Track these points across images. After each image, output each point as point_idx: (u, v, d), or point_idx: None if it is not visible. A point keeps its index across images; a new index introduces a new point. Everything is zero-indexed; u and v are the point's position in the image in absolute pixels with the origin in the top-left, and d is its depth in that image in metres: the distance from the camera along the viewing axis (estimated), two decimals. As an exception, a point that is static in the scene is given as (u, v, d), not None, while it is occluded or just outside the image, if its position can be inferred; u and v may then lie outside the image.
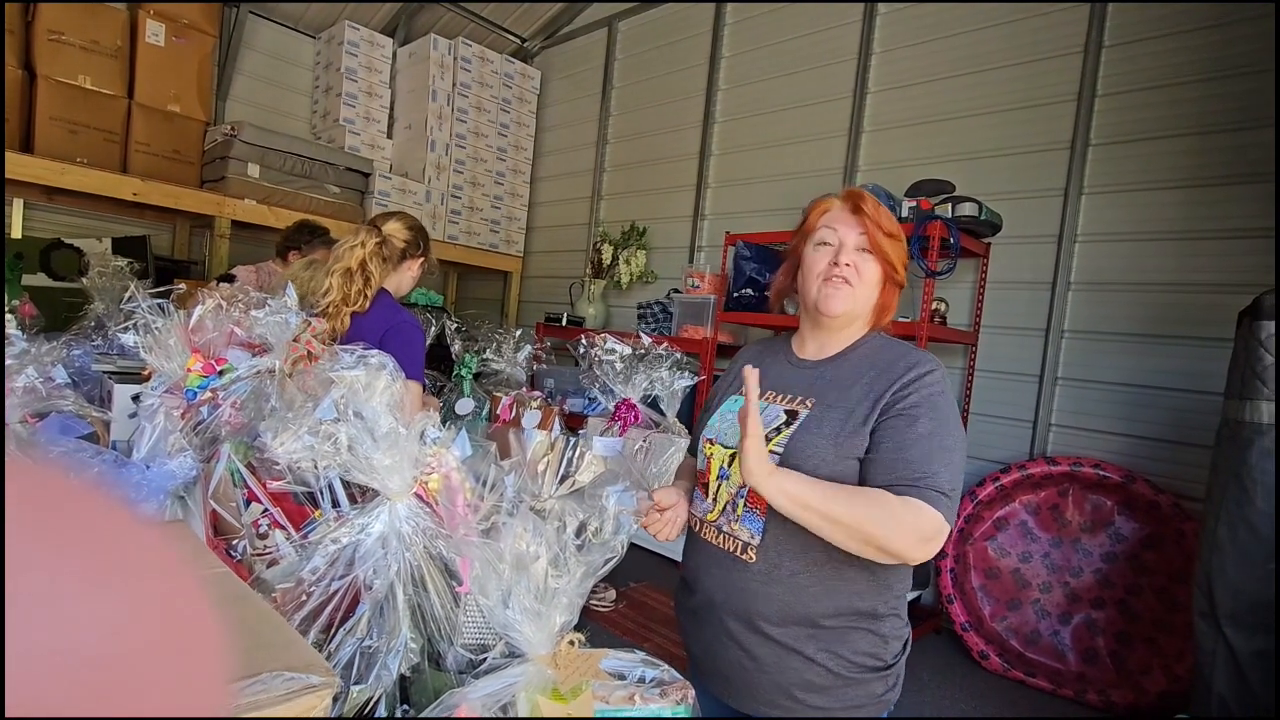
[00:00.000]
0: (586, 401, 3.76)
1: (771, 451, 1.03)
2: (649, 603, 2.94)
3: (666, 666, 0.75)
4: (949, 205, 2.85)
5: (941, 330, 2.96)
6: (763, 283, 3.35)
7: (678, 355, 2.19)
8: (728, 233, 3.57)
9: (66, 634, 0.19)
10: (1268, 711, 1.48)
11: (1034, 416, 2.97)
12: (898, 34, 3.52)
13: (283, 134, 4.26)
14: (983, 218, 2.83)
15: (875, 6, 3.59)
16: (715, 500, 1.10)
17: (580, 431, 2.63)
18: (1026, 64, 3.07)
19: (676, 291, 3.90)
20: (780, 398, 1.11)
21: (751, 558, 1.04)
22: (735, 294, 3.40)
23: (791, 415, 1.07)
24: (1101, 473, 2.64)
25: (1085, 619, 2.63)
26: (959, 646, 2.79)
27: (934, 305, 2.98)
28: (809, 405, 1.07)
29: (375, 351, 0.76)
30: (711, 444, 1.13)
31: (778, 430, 1.06)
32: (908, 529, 0.91)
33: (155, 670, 0.21)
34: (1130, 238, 2.78)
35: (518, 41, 5.45)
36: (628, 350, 2.16)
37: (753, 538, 1.04)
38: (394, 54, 4.89)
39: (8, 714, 0.18)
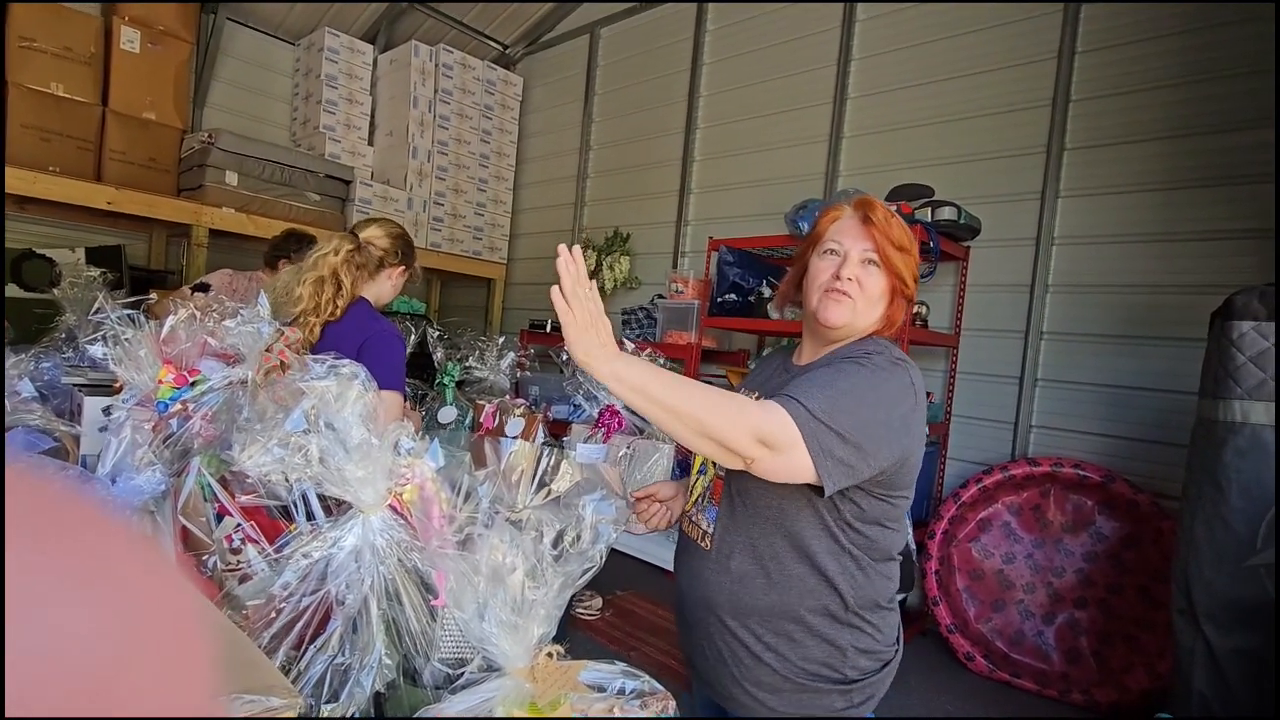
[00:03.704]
0: (571, 408, 3.75)
1: None
2: (636, 611, 2.92)
3: (647, 677, 0.74)
4: (929, 209, 2.88)
5: (923, 333, 2.98)
6: (746, 288, 3.36)
7: (661, 361, 2.18)
8: (711, 238, 3.57)
9: (63, 637, 0.20)
10: (1246, 709, 1.50)
11: (1015, 418, 3.00)
12: (876, 40, 3.56)
13: (262, 141, 4.22)
14: (962, 221, 2.86)
15: (854, 12, 3.62)
16: (691, 493, 1.17)
17: (564, 438, 2.61)
18: (1003, 69, 3.12)
19: (661, 297, 3.90)
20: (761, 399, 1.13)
21: (708, 546, 1.08)
22: (719, 299, 3.40)
23: None
24: (1082, 473, 2.66)
25: (1068, 618, 2.65)
26: (945, 648, 2.80)
27: (915, 308, 3.00)
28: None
29: (347, 361, 0.74)
30: None
31: None
32: (746, 423, 0.84)
33: (147, 673, 0.22)
34: (1106, 240, 2.82)
35: (500, 48, 5.44)
36: (611, 356, 2.16)
37: (709, 527, 1.09)
38: (375, 60, 4.86)
39: (8, 714, 0.18)
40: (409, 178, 4.72)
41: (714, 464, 1.11)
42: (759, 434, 0.85)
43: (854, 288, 1.04)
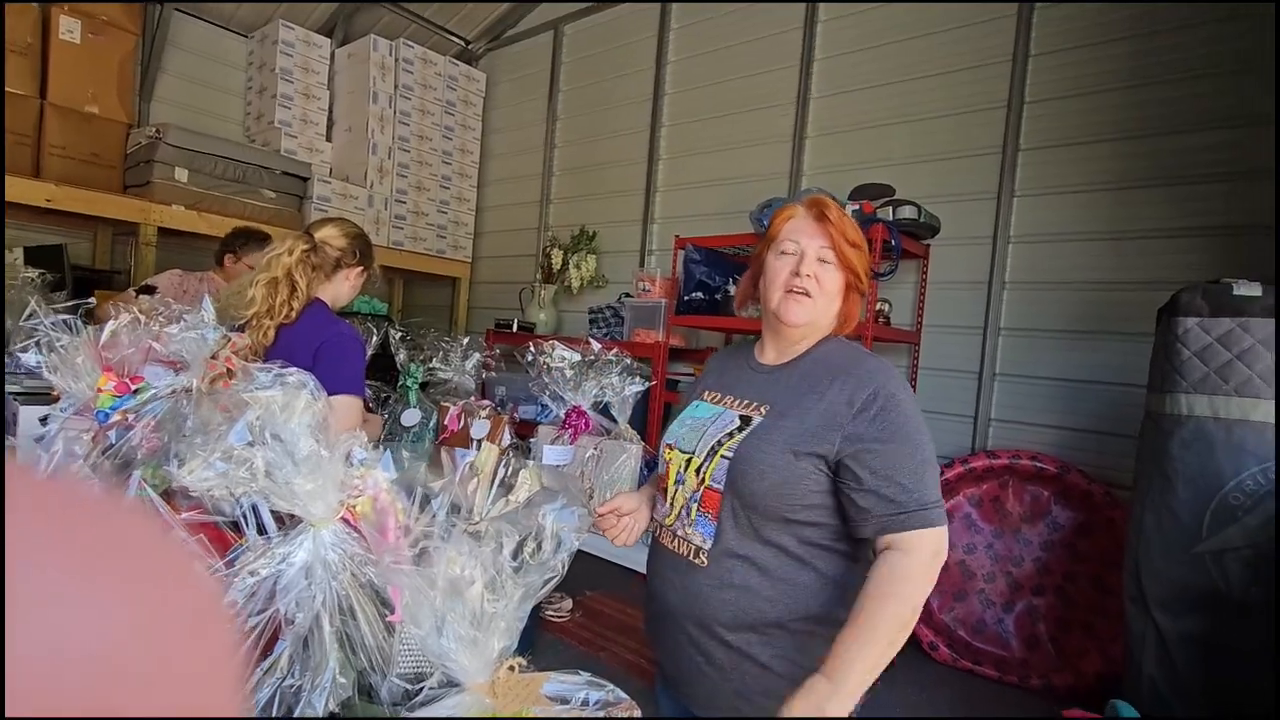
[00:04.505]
0: (539, 409, 3.71)
1: (723, 456, 1.04)
2: (606, 611, 2.91)
3: (611, 687, 0.73)
4: (890, 208, 2.92)
5: (886, 330, 3.03)
6: (713, 286, 3.37)
7: (628, 360, 2.17)
8: (677, 236, 3.57)
9: (74, 633, 0.20)
10: (1194, 692, 1.56)
11: (974, 412, 3.07)
12: (838, 41, 3.60)
13: (213, 136, 4.08)
14: (922, 220, 2.91)
15: (816, 13, 3.66)
16: (672, 505, 1.12)
17: (530, 439, 2.58)
18: (959, 71, 3.18)
19: (628, 296, 3.89)
20: (736, 402, 1.12)
21: (703, 562, 1.05)
22: (686, 297, 3.40)
23: (745, 421, 1.08)
24: (1038, 464, 2.74)
25: (1027, 606, 2.73)
26: (910, 638, 2.85)
27: (878, 306, 3.05)
28: (762, 412, 1.07)
29: (294, 369, 0.71)
30: (670, 449, 1.14)
31: (730, 435, 1.07)
32: (917, 579, 0.95)
33: (169, 670, 0.22)
34: (1060, 238, 2.90)
35: (461, 44, 5.35)
36: (577, 357, 2.13)
37: (705, 542, 1.06)
38: (332, 55, 4.74)
39: (8, 713, 0.18)
40: (369, 174, 4.61)
41: (698, 473, 1.07)
42: (929, 564, 0.96)
43: (813, 285, 1.06)
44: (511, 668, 0.69)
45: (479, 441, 2.37)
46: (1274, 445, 1.54)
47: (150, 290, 2.41)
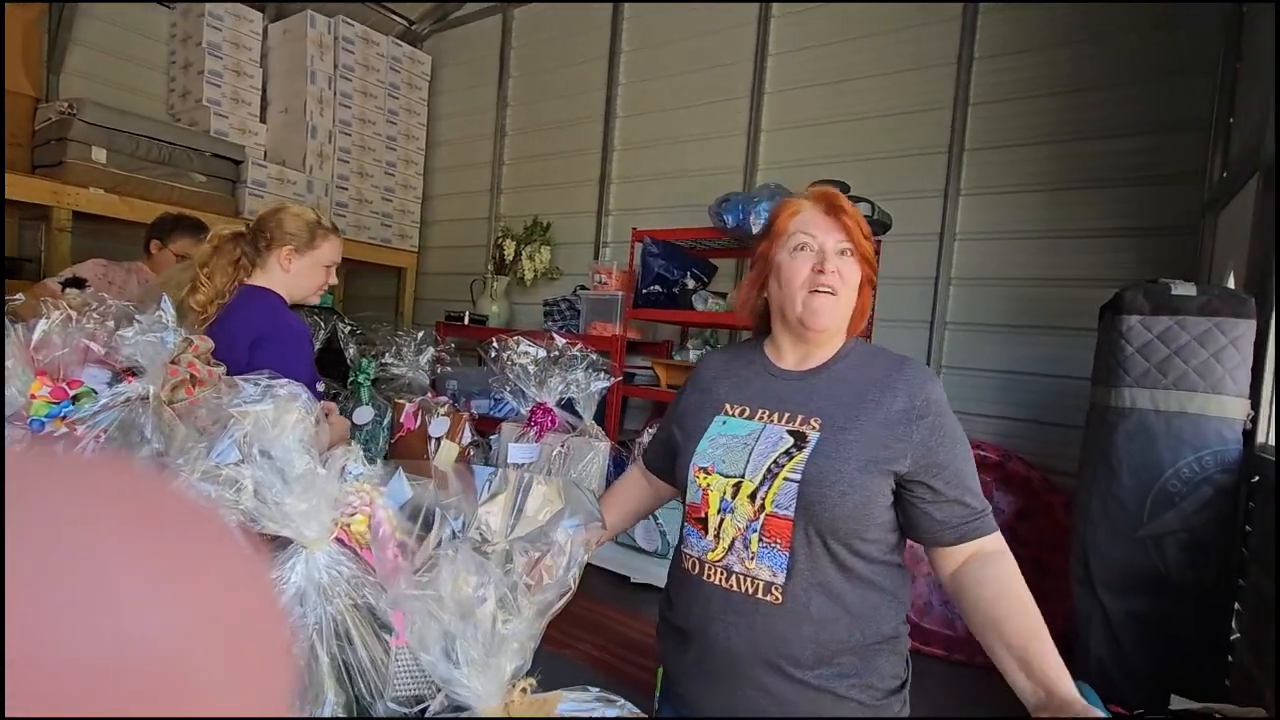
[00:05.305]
0: (493, 403, 3.63)
1: (786, 479, 0.97)
2: (572, 610, 2.88)
3: (623, 702, 0.71)
4: (845, 205, 2.97)
5: (840, 324, 3.09)
6: (671, 279, 3.37)
7: (593, 356, 2.14)
8: (634, 229, 3.55)
9: (139, 635, 0.20)
10: (1140, 671, 1.68)
11: (923, 403, 3.18)
12: (791, 38, 3.64)
13: (134, 114, 3.78)
14: (875, 217, 2.98)
15: (769, 9, 3.68)
16: (719, 537, 1.00)
17: (491, 436, 2.52)
18: (908, 72, 3.26)
19: (583, 288, 3.85)
20: (775, 416, 1.04)
21: (778, 598, 0.96)
22: (644, 290, 3.39)
23: (798, 437, 1.00)
24: (981, 452, 2.86)
25: (971, 588, 2.86)
26: (863, 623, 2.95)
27: (833, 300, 3.11)
28: (816, 426, 1.00)
29: (285, 381, 0.66)
30: (707, 473, 1.03)
31: (788, 455, 0.99)
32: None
33: (235, 669, 0.22)
34: (1002, 236, 3.03)
35: (405, 24, 5.14)
36: (541, 353, 2.09)
37: (776, 575, 0.96)
38: (265, 30, 4.47)
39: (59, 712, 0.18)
40: (308, 159, 4.38)
41: (753, 499, 0.97)
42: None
43: (836, 280, 1.02)
44: (524, 690, 0.66)
45: (438, 440, 2.30)
46: (1207, 436, 1.67)
47: (80, 283, 2.21)
